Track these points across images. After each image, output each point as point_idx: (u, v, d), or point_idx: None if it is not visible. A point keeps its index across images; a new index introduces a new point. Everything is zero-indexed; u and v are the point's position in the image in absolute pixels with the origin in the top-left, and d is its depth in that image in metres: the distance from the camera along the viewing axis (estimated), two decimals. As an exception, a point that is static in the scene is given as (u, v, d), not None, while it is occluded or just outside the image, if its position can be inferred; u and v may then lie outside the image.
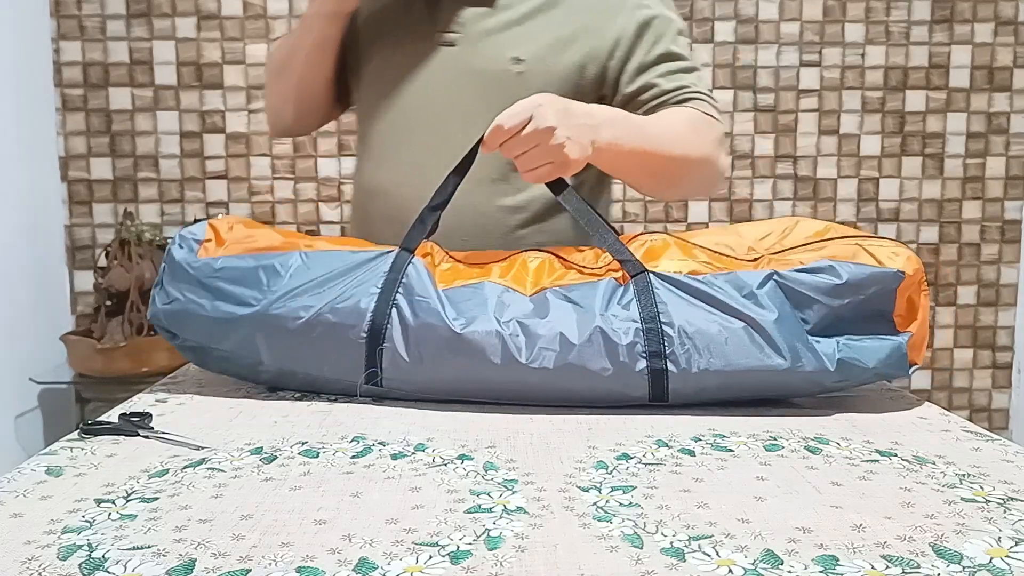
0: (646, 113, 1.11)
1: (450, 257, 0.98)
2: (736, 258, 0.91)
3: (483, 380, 0.88)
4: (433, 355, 0.88)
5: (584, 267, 0.94)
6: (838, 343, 0.87)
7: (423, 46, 1.14)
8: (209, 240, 0.96)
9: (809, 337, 0.86)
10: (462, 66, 1.12)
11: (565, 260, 0.96)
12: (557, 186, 0.96)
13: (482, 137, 0.94)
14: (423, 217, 0.96)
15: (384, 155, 1.17)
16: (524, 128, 0.91)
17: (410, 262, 0.93)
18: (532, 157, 0.93)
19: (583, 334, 0.86)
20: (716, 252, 0.92)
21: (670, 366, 0.85)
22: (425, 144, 1.13)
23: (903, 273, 0.87)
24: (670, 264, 0.91)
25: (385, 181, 1.17)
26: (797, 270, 0.88)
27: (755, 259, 0.91)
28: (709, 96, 1.13)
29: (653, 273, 0.89)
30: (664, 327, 0.85)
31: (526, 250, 0.99)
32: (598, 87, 1.14)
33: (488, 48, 1.12)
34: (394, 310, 0.89)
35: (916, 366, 0.89)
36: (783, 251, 0.92)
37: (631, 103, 1.12)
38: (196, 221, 1.00)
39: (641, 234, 0.98)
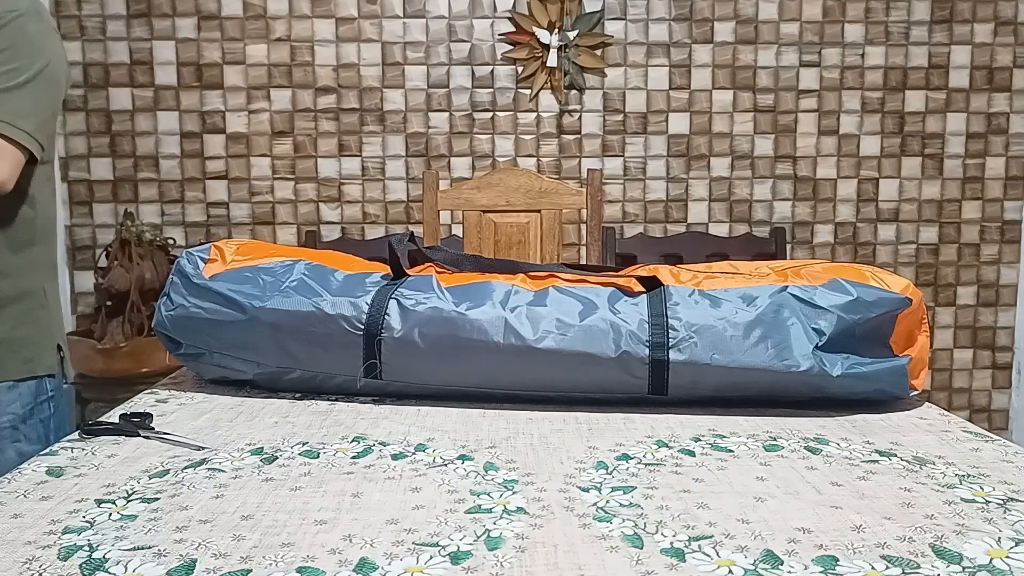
0: None
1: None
2: (746, 275, 0.95)
3: (485, 364, 0.89)
4: (435, 338, 0.89)
5: (596, 279, 0.96)
6: (844, 355, 0.88)
7: None
8: (214, 260, 1.00)
9: (817, 344, 0.87)
10: None
11: (586, 279, 0.97)
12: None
13: None
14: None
15: None
16: None
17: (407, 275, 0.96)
18: None
19: (588, 319, 0.88)
20: (726, 273, 0.96)
21: (673, 356, 0.86)
22: None
23: (909, 300, 0.89)
24: (685, 276, 0.95)
25: None
26: (808, 286, 0.91)
27: (765, 275, 0.94)
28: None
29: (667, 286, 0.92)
30: (671, 320, 0.87)
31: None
32: None
33: None
34: (393, 302, 0.91)
35: (916, 391, 0.91)
36: (790, 268, 0.95)
37: None
38: (202, 243, 1.06)
39: (647, 266, 1.01)
